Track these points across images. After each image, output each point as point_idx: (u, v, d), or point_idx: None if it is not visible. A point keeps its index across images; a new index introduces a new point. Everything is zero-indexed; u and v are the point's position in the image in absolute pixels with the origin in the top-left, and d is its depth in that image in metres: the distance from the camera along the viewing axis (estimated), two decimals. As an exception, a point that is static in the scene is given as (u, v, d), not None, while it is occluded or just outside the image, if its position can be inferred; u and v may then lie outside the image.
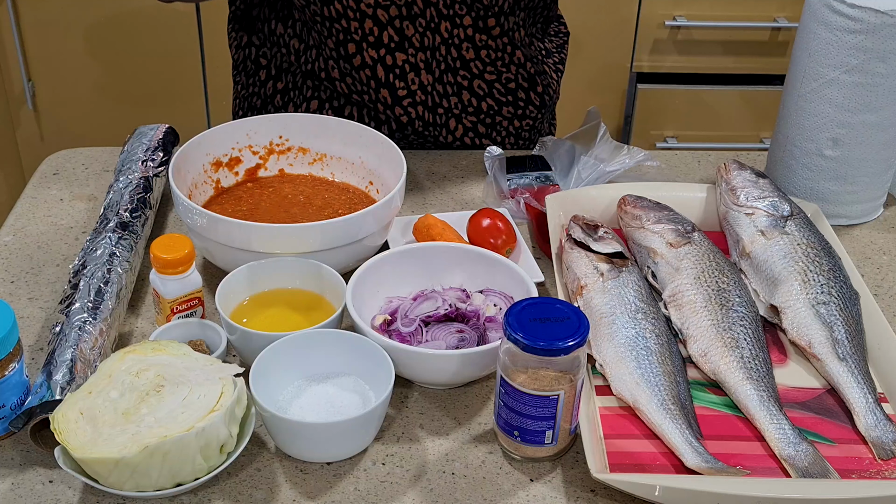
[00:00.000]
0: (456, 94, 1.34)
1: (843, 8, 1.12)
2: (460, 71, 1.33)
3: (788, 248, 1.08)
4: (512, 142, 1.41)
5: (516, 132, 1.40)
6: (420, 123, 1.33)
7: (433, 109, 1.33)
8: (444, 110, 1.34)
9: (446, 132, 1.36)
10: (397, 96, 1.31)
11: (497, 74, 1.35)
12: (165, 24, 2.32)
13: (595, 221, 1.10)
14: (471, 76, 1.33)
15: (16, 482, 0.87)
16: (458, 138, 1.37)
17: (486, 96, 1.35)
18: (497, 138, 1.40)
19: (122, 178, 1.15)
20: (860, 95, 1.15)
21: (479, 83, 1.34)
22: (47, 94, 2.39)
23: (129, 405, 0.85)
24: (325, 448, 0.88)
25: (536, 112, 1.40)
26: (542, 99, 1.39)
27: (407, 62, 1.29)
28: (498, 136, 1.39)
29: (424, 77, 1.31)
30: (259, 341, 0.93)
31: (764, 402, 0.93)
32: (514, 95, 1.37)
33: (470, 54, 1.32)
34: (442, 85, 1.33)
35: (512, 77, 1.36)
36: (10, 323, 0.86)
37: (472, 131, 1.37)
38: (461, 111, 1.35)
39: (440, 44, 1.29)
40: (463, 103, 1.35)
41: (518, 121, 1.39)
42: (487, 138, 1.39)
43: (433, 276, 1.05)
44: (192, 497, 0.86)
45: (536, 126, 1.42)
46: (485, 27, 1.30)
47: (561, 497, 0.87)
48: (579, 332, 0.85)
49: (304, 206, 1.17)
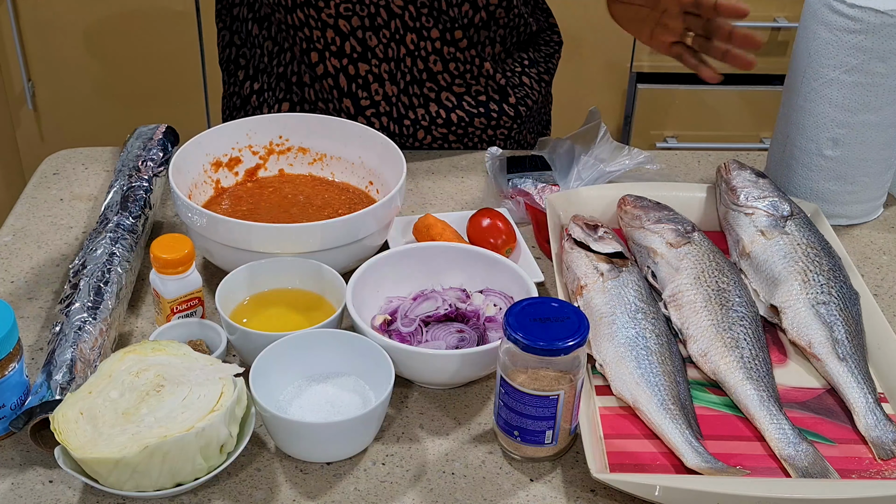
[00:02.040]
0: (423, 106, 1.33)
1: (843, 8, 1.12)
2: (427, 83, 1.31)
3: (788, 248, 1.08)
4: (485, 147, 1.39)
5: (490, 140, 1.38)
6: (385, 134, 1.30)
7: (399, 121, 1.33)
8: (411, 122, 1.33)
9: (413, 141, 1.35)
10: (360, 106, 1.31)
11: (466, 87, 1.33)
12: (165, 24, 2.32)
13: (595, 221, 1.10)
14: (438, 88, 1.32)
15: (16, 482, 0.87)
16: (426, 146, 1.36)
17: (456, 108, 1.34)
18: (469, 144, 1.38)
19: (122, 178, 1.15)
20: (860, 95, 1.15)
21: (448, 95, 1.33)
22: (47, 94, 2.39)
23: (129, 405, 0.85)
24: (325, 448, 0.88)
25: (511, 122, 1.38)
26: (516, 110, 1.37)
27: (370, 73, 1.29)
28: (470, 142, 1.38)
29: (389, 88, 1.30)
30: (259, 341, 0.93)
31: (764, 402, 0.93)
32: (485, 108, 1.35)
33: (437, 66, 1.30)
34: (408, 96, 1.31)
35: (482, 89, 1.34)
36: (10, 323, 0.86)
37: (441, 140, 1.36)
38: (430, 123, 1.34)
39: (405, 55, 1.28)
40: (431, 115, 1.33)
41: (492, 130, 1.37)
42: (460, 144, 1.37)
43: (433, 276, 1.05)
44: (192, 497, 0.86)
45: (513, 136, 1.40)
46: (452, 39, 1.28)
47: (561, 497, 0.87)
48: (579, 332, 0.85)
49: (304, 206, 1.17)
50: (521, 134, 1.42)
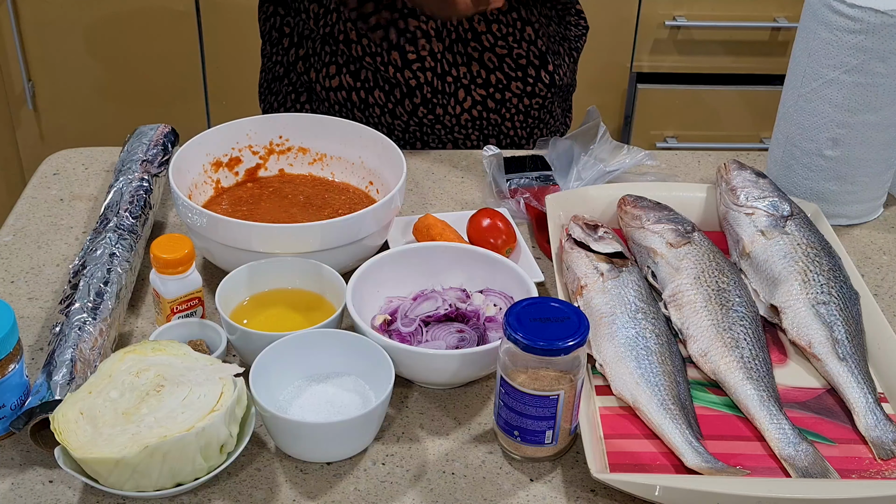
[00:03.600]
0: (465, 65, 1.36)
1: (843, 8, 1.12)
2: (471, 42, 1.35)
3: (788, 248, 1.08)
4: (521, 119, 1.42)
5: (525, 110, 1.42)
6: (429, 90, 1.36)
7: (442, 77, 1.36)
8: (454, 79, 1.36)
9: (455, 102, 1.38)
10: (407, 59, 1.34)
11: (508, 49, 1.37)
12: (165, 24, 2.32)
13: (595, 221, 1.10)
14: (481, 48, 1.36)
15: (16, 482, 0.87)
16: (466, 110, 1.38)
17: (496, 69, 1.37)
18: (506, 115, 1.41)
19: (122, 178, 1.15)
20: (860, 95, 1.15)
21: (490, 56, 1.36)
22: (47, 94, 2.39)
23: (129, 405, 0.85)
24: (325, 448, 0.88)
25: (546, 91, 1.41)
26: (552, 78, 1.41)
27: (419, 28, 1.32)
28: (507, 112, 1.41)
29: (435, 44, 1.34)
30: (259, 341, 0.93)
31: (764, 402, 0.93)
32: (523, 71, 1.38)
33: (482, 27, 1.34)
34: (452, 54, 1.35)
35: (523, 53, 1.38)
36: (10, 323, 0.86)
37: (481, 105, 1.39)
38: (470, 82, 1.37)
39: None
40: (472, 74, 1.37)
41: (528, 98, 1.41)
42: (496, 114, 1.40)
43: (433, 276, 1.05)
44: (192, 497, 0.86)
45: (546, 106, 1.44)
46: None
47: (561, 497, 0.87)
48: (579, 332, 0.85)
49: (304, 206, 1.17)
50: (553, 105, 1.45)
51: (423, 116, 1.39)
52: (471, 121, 1.40)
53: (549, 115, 1.46)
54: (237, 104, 2.37)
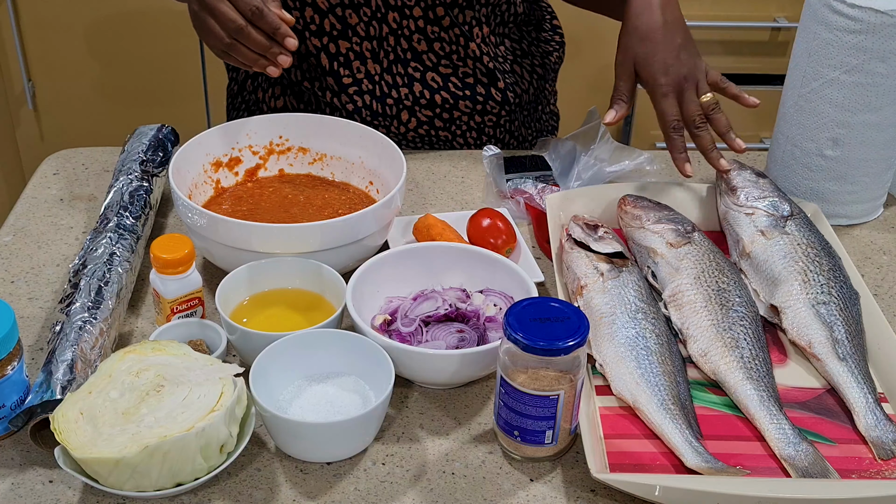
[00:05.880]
0: (407, 86, 1.32)
1: (843, 8, 1.12)
2: (411, 62, 1.31)
3: (788, 248, 1.08)
4: (474, 136, 1.39)
5: (478, 127, 1.38)
6: (368, 113, 1.32)
7: (381, 99, 1.32)
8: (394, 101, 1.32)
9: (398, 123, 1.34)
10: (343, 84, 1.31)
11: (453, 68, 1.32)
12: (165, 23, 2.32)
13: (595, 221, 1.10)
14: (423, 68, 1.32)
15: (16, 482, 0.87)
16: (411, 129, 1.35)
17: (441, 89, 1.33)
18: (457, 132, 1.37)
19: (122, 178, 1.15)
20: (860, 95, 1.15)
21: (433, 76, 1.32)
22: (47, 94, 2.39)
23: (129, 405, 0.85)
24: (325, 448, 0.88)
25: (499, 108, 1.37)
26: (504, 96, 1.36)
27: (351, 50, 1.29)
28: (458, 129, 1.37)
29: (371, 66, 1.30)
30: (259, 341, 0.93)
31: (764, 402, 0.93)
32: (471, 90, 1.34)
33: (422, 46, 1.30)
34: (391, 75, 1.31)
35: (469, 71, 1.33)
36: (10, 323, 0.86)
37: (427, 125, 1.35)
38: (413, 103, 1.33)
39: (388, 34, 1.28)
40: (415, 95, 1.33)
41: (479, 116, 1.37)
42: (446, 131, 1.37)
43: (433, 276, 1.05)
44: (192, 497, 0.86)
45: (502, 124, 1.39)
46: (435, 18, 1.28)
47: (561, 497, 0.87)
48: (579, 332, 0.85)
49: (304, 206, 1.17)
50: (513, 125, 1.41)
51: None
52: (418, 137, 1.37)
53: (505, 133, 1.41)
54: (237, 104, 2.36)
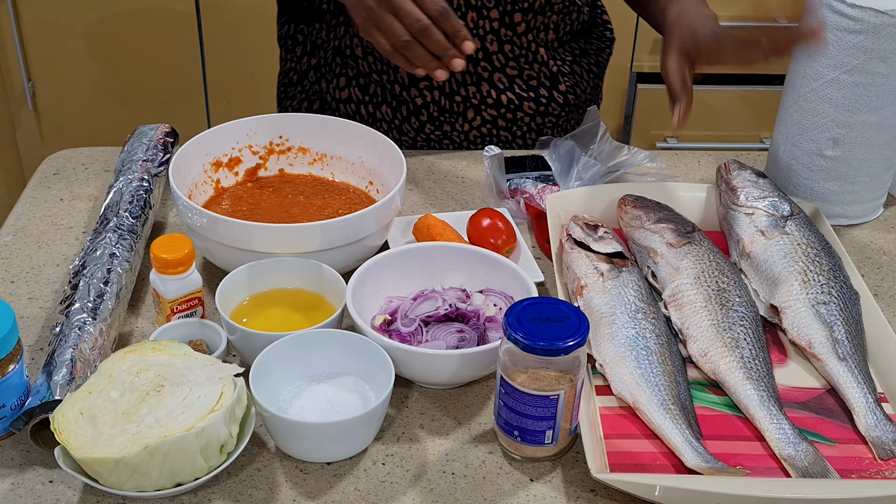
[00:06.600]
0: (475, 85, 1.35)
1: (843, 8, 1.12)
2: (481, 62, 1.34)
3: (788, 248, 1.08)
4: (533, 137, 1.42)
5: (538, 128, 1.41)
6: (436, 108, 1.35)
7: (450, 96, 1.35)
8: (462, 98, 1.35)
9: (463, 121, 1.37)
10: (414, 78, 1.33)
11: (519, 70, 1.36)
12: (165, 24, 2.32)
13: (595, 221, 1.10)
14: (492, 69, 1.35)
15: (16, 482, 0.87)
16: (475, 128, 1.38)
17: (507, 90, 1.36)
18: (518, 132, 1.40)
19: (122, 178, 1.15)
20: (860, 95, 1.15)
21: (500, 76, 1.36)
22: (47, 94, 2.39)
23: (129, 405, 0.85)
24: (325, 448, 0.88)
25: (559, 110, 1.41)
26: (565, 98, 1.40)
27: None
28: (518, 130, 1.40)
29: None
30: (259, 341, 0.93)
31: (764, 402, 0.93)
32: (535, 92, 1.38)
33: (493, 47, 1.33)
34: (461, 73, 1.34)
35: (534, 75, 1.37)
36: (10, 323, 0.86)
37: (490, 124, 1.38)
38: (479, 101, 1.36)
39: None
40: (482, 94, 1.36)
41: (540, 117, 1.40)
42: (507, 132, 1.40)
43: (433, 276, 1.05)
44: (192, 497, 0.86)
45: (560, 124, 1.43)
46: (511, 22, 1.31)
47: (561, 497, 0.87)
48: (579, 332, 0.85)
49: (304, 206, 1.17)
50: (568, 123, 1.44)
51: (431, 133, 1.38)
52: (480, 137, 1.40)
53: (563, 132, 1.44)
54: (237, 104, 2.37)
